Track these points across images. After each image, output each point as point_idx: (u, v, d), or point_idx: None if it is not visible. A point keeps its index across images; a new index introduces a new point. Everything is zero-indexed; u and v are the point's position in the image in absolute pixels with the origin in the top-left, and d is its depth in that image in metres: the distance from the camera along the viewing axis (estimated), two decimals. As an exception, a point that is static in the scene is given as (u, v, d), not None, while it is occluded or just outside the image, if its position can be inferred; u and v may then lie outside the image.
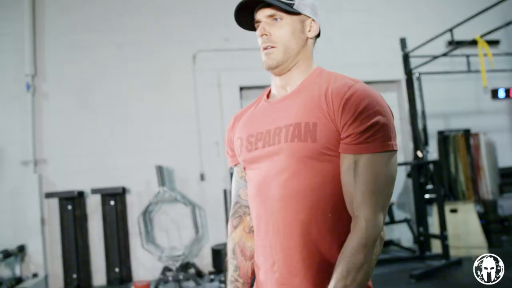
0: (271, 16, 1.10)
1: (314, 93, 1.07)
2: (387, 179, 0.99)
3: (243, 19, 1.17)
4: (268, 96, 1.21)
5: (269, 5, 1.09)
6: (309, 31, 1.13)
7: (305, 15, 1.12)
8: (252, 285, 1.22)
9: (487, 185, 5.69)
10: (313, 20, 1.14)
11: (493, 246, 5.06)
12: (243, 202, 1.27)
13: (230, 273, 1.22)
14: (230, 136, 1.26)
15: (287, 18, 1.10)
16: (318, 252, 1.02)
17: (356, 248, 0.93)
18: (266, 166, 1.09)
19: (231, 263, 1.23)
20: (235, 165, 1.28)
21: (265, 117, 1.14)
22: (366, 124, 0.97)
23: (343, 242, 1.00)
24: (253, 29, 1.18)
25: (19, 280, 4.54)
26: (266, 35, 1.11)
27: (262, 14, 1.11)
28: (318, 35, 1.17)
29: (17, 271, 4.64)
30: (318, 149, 1.01)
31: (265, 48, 1.12)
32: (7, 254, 4.39)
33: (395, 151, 1.01)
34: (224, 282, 4.29)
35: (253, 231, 1.22)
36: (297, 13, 1.10)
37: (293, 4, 1.09)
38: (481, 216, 5.30)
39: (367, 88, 1.03)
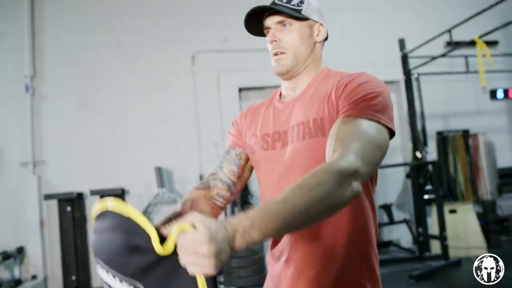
0: (280, 22, 1.14)
1: (321, 91, 1.10)
2: (372, 140, 0.94)
3: (252, 26, 1.20)
4: (280, 96, 1.25)
5: (278, 12, 1.13)
6: (317, 35, 1.17)
7: (313, 20, 1.15)
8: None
9: (486, 186, 5.69)
10: (320, 24, 1.17)
11: (492, 247, 5.06)
12: (221, 175, 1.22)
13: (168, 216, 1.13)
14: (243, 123, 1.28)
15: (295, 24, 1.14)
16: (329, 246, 1.05)
17: (315, 171, 0.85)
18: (281, 165, 1.12)
19: (174, 210, 1.13)
20: (234, 146, 1.27)
21: (278, 117, 1.18)
22: (357, 96, 1.01)
23: (351, 235, 1.04)
24: (263, 35, 1.21)
25: (18, 282, 4.53)
26: (276, 41, 1.14)
27: (271, 21, 1.15)
28: (326, 39, 1.20)
29: (16, 273, 4.63)
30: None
31: (275, 54, 1.15)
32: (6, 256, 4.38)
33: (385, 126, 0.98)
34: (224, 283, 4.29)
35: (213, 203, 1.19)
36: (305, 19, 1.14)
37: (301, 10, 1.13)
38: (480, 217, 5.31)
39: (370, 75, 1.07)
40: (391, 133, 1.01)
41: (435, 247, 4.98)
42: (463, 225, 5.06)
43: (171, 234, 0.71)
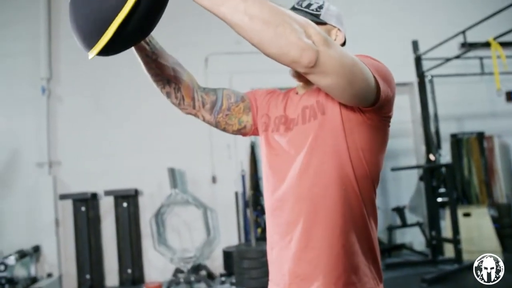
0: None
1: None
2: (356, 61, 0.93)
3: None
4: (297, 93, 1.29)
5: None
6: (335, 40, 1.19)
7: (331, 24, 1.17)
8: None
9: (501, 189, 5.61)
10: (338, 29, 1.19)
11: (508, 251, 4.99)
12: (218, 91, 1.33)
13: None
14: (263, 98, 1.32)
15: None
16: (333, 226, 1.06)
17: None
18: (285, 146, 1.16)
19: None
20: (246, 95, 1.33)
21: (290, 105, 1.22)
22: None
23: (356, 215, 1.06)
24: None
25: (34, 280, 4.61)
26: None
27: None
28: (343, 44, 1.21)
29: (32, 271, 4.72)
30: (328, 120, 1.07)
31: None
32: (22, 254, 4.47)
33: (377, 82, 0.98)
34: (235, 284, 4.31)
35: (192, 89, 1.31)
36: (324, 23, 1.16)
37: (320, 15, 1.15)
38: (495, 220, 5.23)
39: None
40: (378, 94, 0.99)
41: (449, 251, 4.93)
42: (477, 229, 4.99)
43: None
